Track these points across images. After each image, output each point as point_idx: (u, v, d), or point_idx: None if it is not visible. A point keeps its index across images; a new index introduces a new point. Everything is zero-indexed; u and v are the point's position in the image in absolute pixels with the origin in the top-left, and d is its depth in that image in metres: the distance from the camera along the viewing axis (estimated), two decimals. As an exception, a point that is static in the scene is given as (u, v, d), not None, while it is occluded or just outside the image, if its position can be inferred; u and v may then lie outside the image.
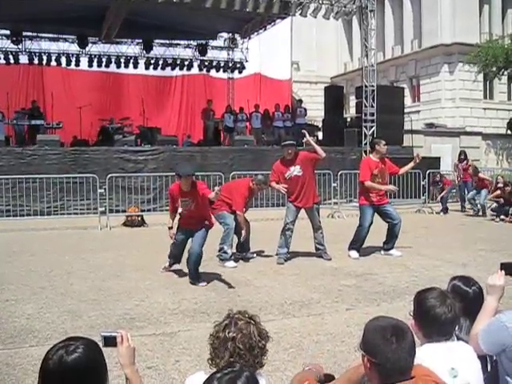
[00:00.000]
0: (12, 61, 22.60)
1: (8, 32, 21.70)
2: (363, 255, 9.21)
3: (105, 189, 13.37)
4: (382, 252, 9.36)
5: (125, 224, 13.27)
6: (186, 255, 7.51)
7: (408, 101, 29.73)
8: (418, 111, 31.97)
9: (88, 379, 2.06)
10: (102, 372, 2.14)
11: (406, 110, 21.56)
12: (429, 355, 2.26)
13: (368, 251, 9.50)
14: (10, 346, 5.00)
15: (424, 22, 32.76)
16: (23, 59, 22.86)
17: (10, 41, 21.87)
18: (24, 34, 22.01)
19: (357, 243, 9.22)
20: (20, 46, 22.35)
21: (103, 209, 13.26)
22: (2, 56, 22.36)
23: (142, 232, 12.66)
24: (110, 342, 2.45)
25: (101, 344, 2.35)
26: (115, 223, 13.14)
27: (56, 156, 15.03)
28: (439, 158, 19.77)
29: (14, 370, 4.44)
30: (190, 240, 7.51)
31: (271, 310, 6.06)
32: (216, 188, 6.92)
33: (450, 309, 2.64)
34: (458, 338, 2.86)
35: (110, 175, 14.00)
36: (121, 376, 2.48)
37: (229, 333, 2.38)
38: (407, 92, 29.68)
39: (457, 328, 2.92)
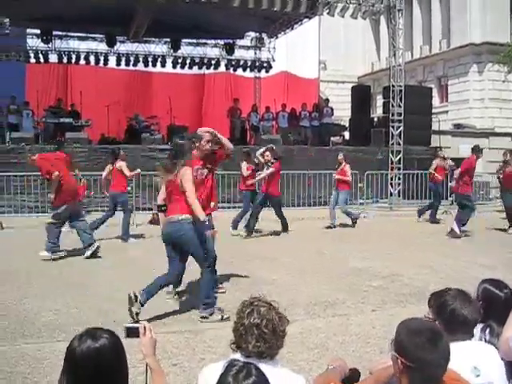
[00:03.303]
0: (42, 60, 22.93)
1: (38, 31, 22.01)
2: (389, 255, 9.14)
3: (132, 187, 13.47)
4: None
5: (151, 222, 13.31)
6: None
7: (436, 101, 29.30)
8: (446, 111, 31.51)
9: (116, 364, 2.17)
10: (125, 357, 2.24)
11: (433, 111, 21.38)
12: (452, 354, 2.25)
13: (398, 252, 9.44)
14: (38, 341, 5.09)
15: (453, 21, 32.30)
16: (53, 58, 23.13)
17: (40, 40, 22.19)
18: (54, 33, 22.28)
19: None
20: (50, 45, 22.60)
21: (130, 206, 13.35)
22: (33, 55, 22.67)
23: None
24: (133, 332, 2.55)
25: (123, 335, 2.46)
26: (141, 221, 13.24)
27: (84, 154, 15.19)
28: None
29: (41, 363, 4.52)
30: None
31: (296, 310, 6.05)
32: None
33: (472, 308, 2.67)
34: (489, 343, 2.82)
35: (137, 173, 14.08)
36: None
37: (253, 319, 2.49)
38: (435, 92, 29.25)
39: (487, 332, 2.88)
